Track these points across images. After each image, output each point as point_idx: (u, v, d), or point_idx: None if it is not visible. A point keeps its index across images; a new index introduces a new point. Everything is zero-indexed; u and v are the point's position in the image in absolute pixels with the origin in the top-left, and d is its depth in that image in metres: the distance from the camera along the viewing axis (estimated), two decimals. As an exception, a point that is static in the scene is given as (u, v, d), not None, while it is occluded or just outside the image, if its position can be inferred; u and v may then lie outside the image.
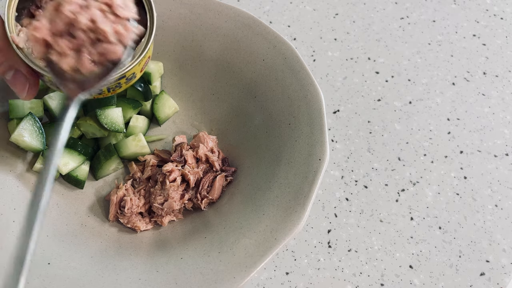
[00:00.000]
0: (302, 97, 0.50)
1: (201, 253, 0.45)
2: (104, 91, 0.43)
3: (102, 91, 0.43)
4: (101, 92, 0.44)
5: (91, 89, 0.39)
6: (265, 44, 0.53)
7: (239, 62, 0.55)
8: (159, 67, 0.57)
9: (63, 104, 0.48)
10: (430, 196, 0.56)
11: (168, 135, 0.56)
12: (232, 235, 0.45)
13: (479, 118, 0.62)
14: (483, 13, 0.71)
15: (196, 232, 0.48)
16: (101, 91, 0.43)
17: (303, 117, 0.49)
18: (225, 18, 0.55)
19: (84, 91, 0.39)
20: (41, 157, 0.50)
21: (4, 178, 0.48)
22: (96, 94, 0.44)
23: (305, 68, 0.51)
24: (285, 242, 0.42)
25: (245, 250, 0.43)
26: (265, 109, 0.53)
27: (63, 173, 0.50)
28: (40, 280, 0.42)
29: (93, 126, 0.53)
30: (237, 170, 0.52)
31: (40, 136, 0.50)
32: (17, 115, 0.51)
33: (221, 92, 0.56)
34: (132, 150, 0.53)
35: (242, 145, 0.54)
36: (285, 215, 0.44)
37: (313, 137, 0.48)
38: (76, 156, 0.51)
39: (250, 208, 0.47)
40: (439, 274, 0.51)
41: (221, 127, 0.56)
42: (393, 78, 0.64)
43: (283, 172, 0.48)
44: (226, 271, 0.42)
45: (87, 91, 0.39)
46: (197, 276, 0.42)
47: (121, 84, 0.44)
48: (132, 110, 0.55)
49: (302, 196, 0.45)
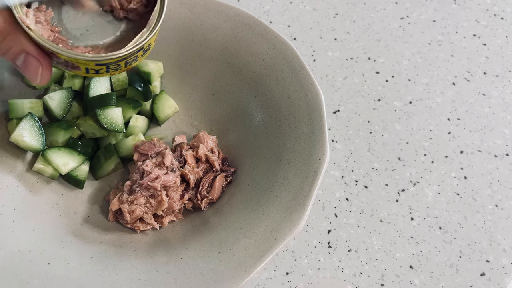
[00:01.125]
0: (302, 97, 0.50)
1: (201, 253, 0.44)
2: (122, 65, 0.42)
3: (119, 66, 0.42)
4: (118, 68, 0.42)
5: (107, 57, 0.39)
6: (265, 44, 0.53)
7: (239, 62, 0.55)
8: (159, 67, 0.57)
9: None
10: (430, 196, 0.56)
11: (168, 135, 0.56)
12: (232, 235, 0.45)
13: (479, 118, 0.62)
14: (483, 13, 0.71)
15: (196, 232, 0.48)
16: (119, 66, 0.42)
17: (303, 117, 0.49)
18: (225, 18, 0.55)
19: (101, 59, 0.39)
20: (41, 157, 0.50)
21: (4, 178, 0.48)
22: (113, 71, 0.43)
23: (305, 68, 0.51)
24: (285, 242, 0.42)
25: (245, 250, 0.43)
26: (265, 109, 0.53)
27: (63, 173, 0.50)
28: (40, 280, 0.42)
29: (93, 126, 0.52)
30: (237, 170, 0.52)
31: (40, 136, 0.50)
32: (17, 115, 0.51)
33: (221, 92, 0.56)
34: (132, 150, 0.53)
35: (242, 145, 0.53)
36: (285, 215, 0.44)
37: (313, 137, 0.48)
38: (76, 156, 0.51)
39: (250, 208, 0.47)
40: (440, 274, 0.51)
41: (221, 127, 0.56)
42: (393, 78, 0.64)
43: (283, 172, 0.48)
44: (226, 271, 0.42)
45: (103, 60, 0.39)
46: (197, 276, 0.42)
47: (137, 57, 0.43)
48: (132, 110, 0.54)
49: (302, 196, 0.45)
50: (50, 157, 0.50)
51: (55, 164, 0.50)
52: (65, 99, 0.53)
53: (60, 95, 0.53)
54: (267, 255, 0.42)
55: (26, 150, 0.50)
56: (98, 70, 0.41)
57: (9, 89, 0.52)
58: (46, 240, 0.46)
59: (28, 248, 0.44)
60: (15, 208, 0.47)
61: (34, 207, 0.48)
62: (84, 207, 0.51)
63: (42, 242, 0.46)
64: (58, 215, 0.49)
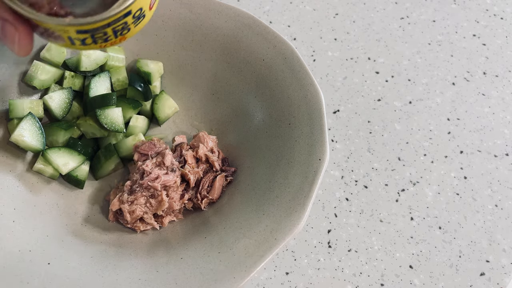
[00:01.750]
0: (302, 97, 0.50)
1: (201, 253, 0.44)
2: (109, 33, 0.37)
3: (107, 34, 0.37)
4: (107, 38, 0.38)
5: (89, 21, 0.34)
6: (265, 44, 0.53)
7: (239, 62, 0.55)
8: (159, 67, 0.57)
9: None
10: (430, 196, 0.56)
11: (168, 134, 0.56)
12: (232, 235, 0.45)
13: (479, 118, 0.62)
14: (483, 13, 0.71)
15: (196, 232, 0.48)
16: (105, 34, 0.37)
17: (303, 117, 0.49)
18: (225, 18, 0.55)
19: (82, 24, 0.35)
20: (41, 157, 0.50)
21: (4, 178, 0.48)
22: (101, 41, 0.38)
23: (305, 68, 0.51)
24: (285, 242, 0.42)
25: (245, 250, 0.43)
26: (265, 109, 0.53)
27: (63, 173, 0.50)
28: (40, 280, 0.42)
29: (93, 126, 0.52)
30: (237, 170, 0.52)
31: (40, 136, 0.50)
32: (17, 115, 0.51)
33: (221, 92, 0.56)
34: (132, 150, 0.53)
35: (242, 145, 0.54)
36: (285, 215, 0.44)
37: (313, 137, 0.48)
38: (76, 156, 0.51)
39: (250, 208, 0.47)
40: (439, 274, 0.51)
41: (221, 127, 0.56)
42: (393, 78, 0.64)
43: (283, 172, 0.48)
44: (226, 271, 0.42)
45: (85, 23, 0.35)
46: (197, 276, 0.42)
47: (128, 25, 0.38)
48: (132, 110, 0.54)
49: (302, 196, 0.45)
50: (50, 157, 0.50)
51: (55, 164, 0.50)
52: (66, 99, 0.53)
53: (60, 95, 0.53)
54: (267, 255, 0.42)
55: (26, 150, 0.50)
56: (83, 40, 0.37)
57: (9, 89, 0.52)
58: (46, 240, 0.46)
59: (28, 248, 0.44)
60: (15, 208, 0.47)
61: (34, 207, 0.48)
62: (84, 207, 0.51)
63: (42, 242, 0.46)
64: (58, 215, 0.49)
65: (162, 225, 0.49)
